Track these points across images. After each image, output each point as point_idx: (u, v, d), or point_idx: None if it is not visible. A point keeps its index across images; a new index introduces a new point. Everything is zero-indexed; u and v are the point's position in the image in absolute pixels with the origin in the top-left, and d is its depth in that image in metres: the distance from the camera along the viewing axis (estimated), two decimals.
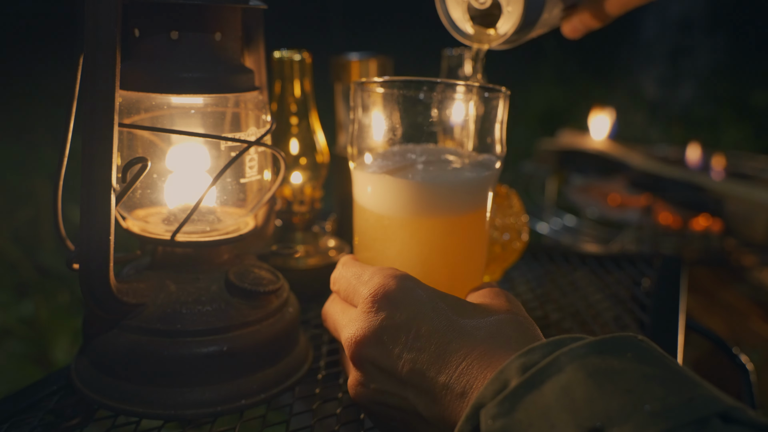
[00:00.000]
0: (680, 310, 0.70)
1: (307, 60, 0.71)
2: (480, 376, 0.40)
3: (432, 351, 0.42)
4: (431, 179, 0.52)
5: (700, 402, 0.31)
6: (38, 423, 0.51)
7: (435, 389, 0.41)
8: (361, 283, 0.48)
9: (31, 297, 1.94)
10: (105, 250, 0.48)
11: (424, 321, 0.44)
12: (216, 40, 0.52)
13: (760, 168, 1.78)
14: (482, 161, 0.55)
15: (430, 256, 0.53)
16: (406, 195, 0.52)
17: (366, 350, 0.45)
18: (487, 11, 0.58)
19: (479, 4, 0.57)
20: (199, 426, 0.52)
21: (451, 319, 0.43)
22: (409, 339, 0.43)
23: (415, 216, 0.53)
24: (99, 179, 0.47)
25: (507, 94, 0.56)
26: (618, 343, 0.36)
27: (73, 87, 0.52)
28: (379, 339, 0.44)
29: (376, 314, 0.45)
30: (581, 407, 0.32)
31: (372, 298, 0.45)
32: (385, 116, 0.54)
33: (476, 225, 0.55)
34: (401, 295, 0.45)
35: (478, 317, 0.44)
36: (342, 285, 0.50)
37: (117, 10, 0.46)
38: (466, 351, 0.41)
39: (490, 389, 0.36)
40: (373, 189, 0.54)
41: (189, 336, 0.51)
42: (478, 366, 0.40)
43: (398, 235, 0.53)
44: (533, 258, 0.88)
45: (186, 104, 0.53)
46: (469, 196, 0.54)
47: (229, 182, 0.55)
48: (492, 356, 0.40)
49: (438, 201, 0.52)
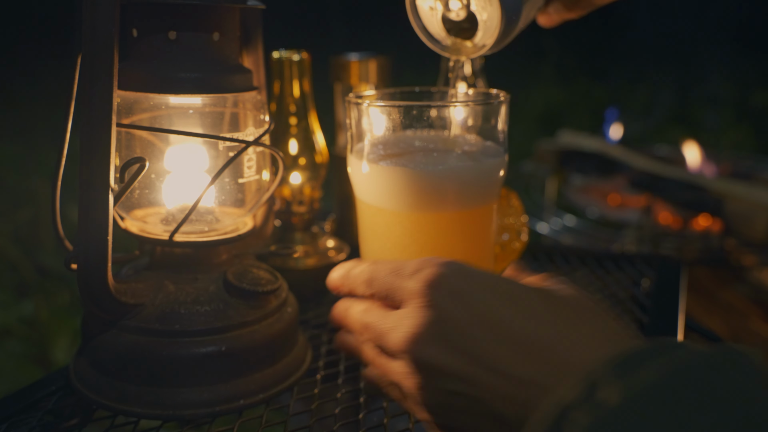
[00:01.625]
0: (680, 310, 0.69)
1: (306, 60, 0.71)
2: (563, 369, 0.36)
3: (504, 343, 0.37)
4: (434, 168, 0.52)
5: None
6: (37, 423, 0.51)
7: (512, 385, 0.36)
8: (405, 278, 0.42)
9: (31, 297, 1.94)
10: (103, 250, 0.48)
11: (490, 309, 0.39)
12: (214, 40, 0.52)
13: (760, 168, 1.78)
14: (489, 150, 0.55)
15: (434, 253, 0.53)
16: (412, 186, 0.51)
17: (427, 350, 0.39)
18: (463, 23, 0.56)
19: (455, 15, 0.55)
20: (198, 426, 0.51)
21: (522, 307, 0.39)
22: (475, 331, 0.38)
23: (417, 210, 0.52)
24: (97, 179, 0.47)
25: (507, 97, 0.56)
26: (728, 357, 0.31)
27: (71, 87, 0.52)
28: (442, 334, 0.39)
29: (433, 308, 0.39)
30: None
31: (425, 291, 0.40)
32: (381, 129, 0.54)
33: (484, 219, 0.55)
34: (459, 282, 0.40)
35: (555, 305, 0.39)
36: (379, 285, 0.44)
37: (115, 10, 0.46)
38: (546, 342, 0.37)
39: (577, 391, 0.31)
40: (371, 180, 0.53)
41: (187, 336, 0.51)
42: (561, 360, 0.36)
43: (404, 229, 0.53)
44: (533, 258, 0.88)
45: (184, 104, 0.53)
46: (476, 187, 0.53)
47: (227, 182, 0.55)
48: (575, 350, 0.36)
49: (442, 192, 0.52)
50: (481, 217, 0.54)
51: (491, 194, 0.55)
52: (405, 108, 0.54)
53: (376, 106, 0.55)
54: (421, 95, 0.61)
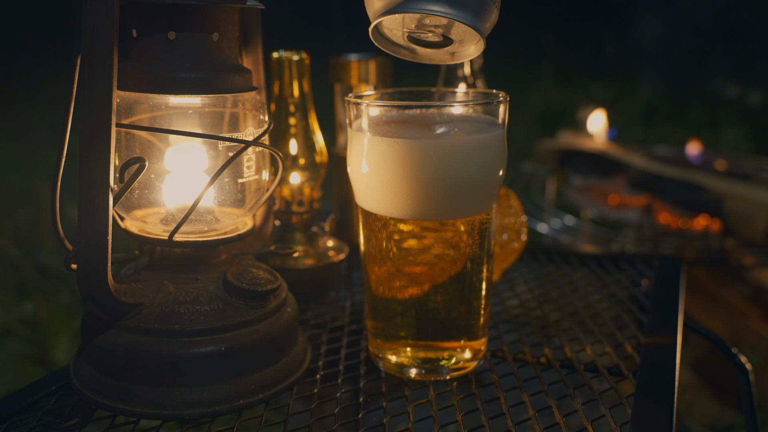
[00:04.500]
0: (679, 310, 0.70)
1: (306, 60, 0.71)
2: None
3: None
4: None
5: None
6: (37, 423, 0.51)
7: None
8: None
9: (31, 297, 1.94)
10: (103, 250, 0.48)
11: None
12: (213, 41, 0.52)
13: (759, 168, 1.78)
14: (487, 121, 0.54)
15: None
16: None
17: None
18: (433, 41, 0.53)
19: (425, 36, 0.52)
20: (198, 426, 0.52)
21: None
22: None
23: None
24: (97, 179, 0.47)
25: (506, 98, 0.55)
26: None
27: (70, 87, 0.52)
28: None
29: None
30: None
31: None
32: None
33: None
34: None
35: None
36: None
37: (114, 10, 0.46)
38: None
39: None
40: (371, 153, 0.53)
41: (187, 336, 0.51)
42: None
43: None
44: (532, 258, 0.88)
45: (183, 104, 0.53)
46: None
47: (226, 182, 0.55)
48: None
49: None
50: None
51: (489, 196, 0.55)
52: (408, 112, 0.53)
53: (375, 106, 0.55)
54: (420, 95, 0.61)
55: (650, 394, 0.53)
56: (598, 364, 0.59)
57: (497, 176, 0.55)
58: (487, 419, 0.51)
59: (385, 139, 0.52)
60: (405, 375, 0.58)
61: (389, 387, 0.56)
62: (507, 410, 0.52)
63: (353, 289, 0.77)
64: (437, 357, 0.58)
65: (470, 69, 0.77)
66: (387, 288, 0.56)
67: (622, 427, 0.49)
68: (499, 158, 0.55)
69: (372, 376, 0.58)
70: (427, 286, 0.56)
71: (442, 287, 0.56)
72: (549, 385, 0.55)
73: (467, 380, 0.57)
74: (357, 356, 0.61)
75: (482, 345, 0.60)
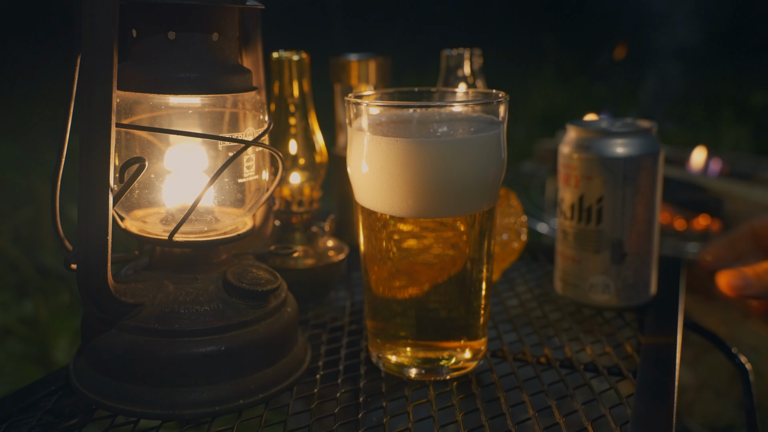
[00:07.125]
0: (680, 310, 0.70)
1: (306, 60, 0.71)
2: None
3: None
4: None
5: None
6: (36, 423, 0.51)
7: None
8: None
9: (31, 297, 1.94)
10: (103, 250, 0.48)
11: None
12: (213, 41, 0.52)
13: (759, 168, 1.78)
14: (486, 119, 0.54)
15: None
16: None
17: None
18: None
19: None
20: (198, 426, 0.52)
21: None
22: None
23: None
24: (96, 179, 0.47)
25: (506, 98, 0.55)
26: None
27: (70, 87, 0.52)
28: None
29: None
30: None
31: None
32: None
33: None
34: None
35: None
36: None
37: (114, 10, 0.46)
38: None
39: None
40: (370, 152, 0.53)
41: (187, 336, 0.51)
42: None
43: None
44: (532, 258, 0.88)
45: (183, 104, 0.53)
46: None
47: (226, 182, 0.55)
48: None
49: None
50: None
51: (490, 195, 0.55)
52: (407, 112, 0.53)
53: (375, 105, 0.55)
54: (420, 95, 0.61)
55: (650, 394, 0.53)
56: (598, 364, 0.59)
57: (497, 176, 0.55)
58: (487, 419, 0.51)
59: (385, 139, 0.52)
60: (405, 375, 0.58)
61: (389, 387, 0.56)
62: (507, 410, 0.52)
63: (353, 289, 0.77)
64: (437, 357, 0.58)
65: (470, 69, 0.78)
66: (387, 288, 0.56)
67: (622, 427, 0.49)
68: (499, 158, 0.55)
69: (372, 376, 0.58)
70: (427, 286, 0.56)
71: (442, 287, 0.56)
72: (549, 385, 0.55)
73: (467, 380, 0.57)
74: (357, 356, 0.61)
75: (482, 345, 0.60)
